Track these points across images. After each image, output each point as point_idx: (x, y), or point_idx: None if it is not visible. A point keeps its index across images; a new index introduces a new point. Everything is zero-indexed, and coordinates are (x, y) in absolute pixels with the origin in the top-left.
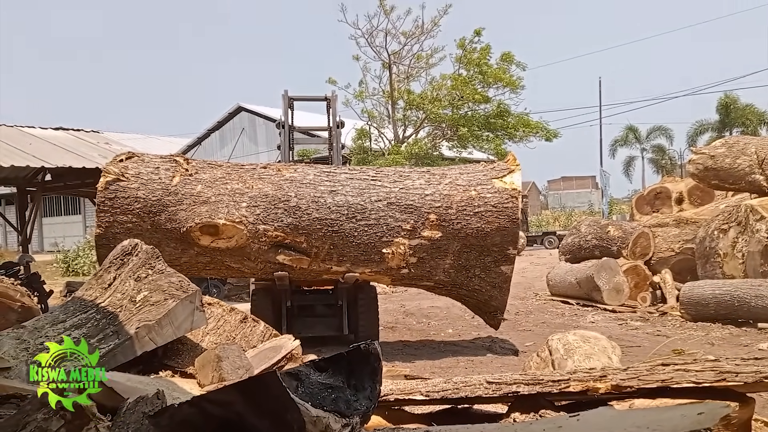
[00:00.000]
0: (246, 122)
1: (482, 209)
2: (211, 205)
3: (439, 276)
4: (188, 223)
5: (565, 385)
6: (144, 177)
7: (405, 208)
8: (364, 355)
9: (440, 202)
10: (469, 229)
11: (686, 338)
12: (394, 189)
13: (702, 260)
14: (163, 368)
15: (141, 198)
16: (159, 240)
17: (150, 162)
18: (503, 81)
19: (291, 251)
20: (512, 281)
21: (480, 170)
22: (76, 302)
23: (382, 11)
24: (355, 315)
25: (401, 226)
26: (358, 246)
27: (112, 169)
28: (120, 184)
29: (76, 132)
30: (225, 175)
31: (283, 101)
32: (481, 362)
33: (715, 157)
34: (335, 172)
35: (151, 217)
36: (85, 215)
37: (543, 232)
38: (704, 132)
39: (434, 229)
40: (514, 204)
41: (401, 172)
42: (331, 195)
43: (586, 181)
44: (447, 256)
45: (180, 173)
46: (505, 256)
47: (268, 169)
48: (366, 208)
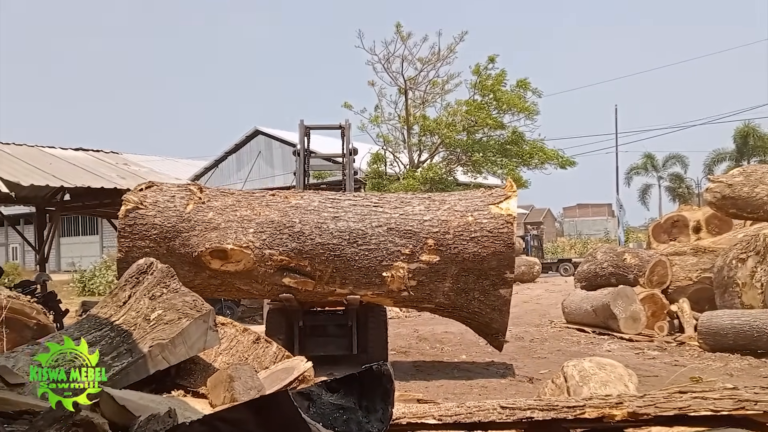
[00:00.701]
0: (263, 145)
1: (478, 234)
2: (220, 231)
3: (439, 299)
4: (199, 247)
5: (581, 412)
6: (161, 205)
7: (404, 233)
8: (377, 377)
9: (438, 227)
10: (466, 253)
11: (704, 368)
12: (394, 215)
13: (720, 290)
14: (176, 387)
15: (157, 224)
16: (174, 263)
17: (167, 190)
18: (518, 107)
19: (296, 274)
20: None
21: (478, 196)
22: (91, 320)
23: (399, 38)
24: (364, 335)
25: (400, 251)
26: (360, 269)
27: (132, 198)
28: (139, 211)
29: (95, 153)
30: (235, 203)
31: (300, 130)
32: (495, 388)
33: (733, 186)
34: (339, 199)
35: (167, 242)
36: (102, 236)
37: (558, 259)
38: (722, 161)
39: (432, 254)
40: (510, 229)
41: (403, 198)
42: (334, 221)
43: (602, 209)
44: (446, 280)
45: (194, 201)
46: (503, 280)
47: (276, 197)
48: (367, 234)
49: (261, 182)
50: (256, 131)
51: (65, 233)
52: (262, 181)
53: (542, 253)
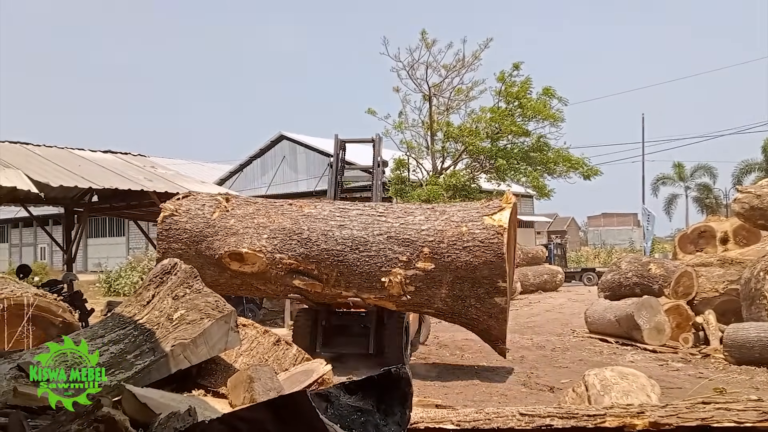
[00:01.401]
0: (287, 150)
1: (471, 244)
2: (239, 236)
3: (437, 304)
4: (220, 250)
5: (601, 421)
6: (192, 212)
7: (402, 242)
8: (395, 380)
9: (433, 236)
10: (459, 262)
11: (729, 381)
12: (395, 224)
13: (747, 302)
14: (197, 387)
15: (188, 230)
16: (201, 264)
17: (200, 200)
18: (543, 114)
19: (305, 277)
20: (550, 317)
21: (475, 207)
22: (115, 318)
23: (424, 44)
24: (381, 338)
25: (398, 258)
26: (361, 274)
27: (168, 206)
28: (174, 218)
29: (123, 155)
30: (255, 211)
31: (335, 143)
32: (515, 397)
33: (762, 197)
34: (348, 209)
35: (195, 246)
36: (128, 237)
37: (582, 269)
38: (750, 171)
39: (427, 261)
40: (500, 240)
41: (407, 208)
42: (339, 229)
43: (627, 219)
44: (442, 287)
45: (220, 209)
46: (496, 289)
47: (293, 206)
48: (368, 241)
49: (285, 187)
50: (281, 136)
51: (92, 234)
52: (285, 186)
53: (565, 262)
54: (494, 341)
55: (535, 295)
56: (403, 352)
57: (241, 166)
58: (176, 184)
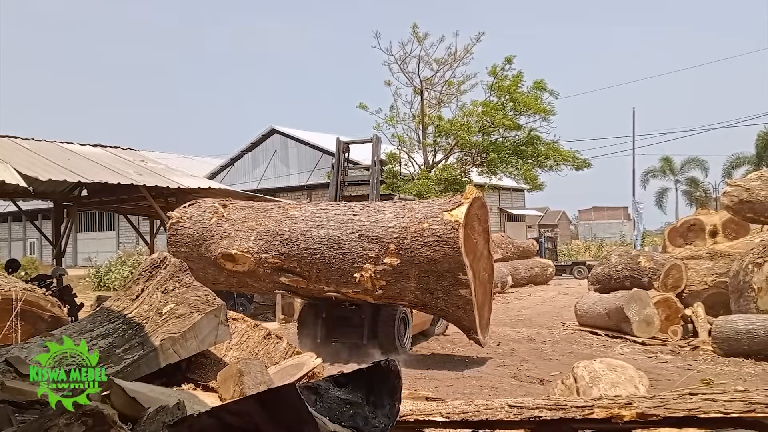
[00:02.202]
0: (278, 144)
1: (431, 239)
2: (231, 239)
3: (409, 297)
4: (215, 252)
5: (589, 412)
6: (194, 219)
7: (372, 239)
8: (384, 372)
9: (398, 233)
10: (421, 256)
11: (718, 373)
12: (366, 222)
13: (735, 294)
14: (186, 381)
15: (190, 234)
16: (204, 265)
17: (201, 207)
18: (534, 108)
19: (290, 274)
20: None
21: (438, 203)
22: (104, 312)
23: (416, 38)
24: (375, 329)
25: (368, 254)
26: (337, 270)
27: (175, 214)
28: (179, 224)
29: (113, 149)
30: (246, 215)
31: (337, 145)
32: (506, 390)
33: (751, 190)
34: (328, 209)
35: (197, 248)
36: (118, 231)
37: (572, 262)
38: (740, 165)
39: (393, 257)
40: (456, 234)
41: (380, 206)
42: (317, 228)
43: (617, 212)
44: (410, 280)
45: (217, 215)
46: (458, 281)
47: (281, 209)
48: (342, 239)
49: (276, 181)
50: (273, 130)
51: (82, 228)
52: (277, 180)
53: (556, 256)
54: (467, 331)
55: (526, 289)
56: (396, 342)
57: (232, 160)
58: (166, 178)
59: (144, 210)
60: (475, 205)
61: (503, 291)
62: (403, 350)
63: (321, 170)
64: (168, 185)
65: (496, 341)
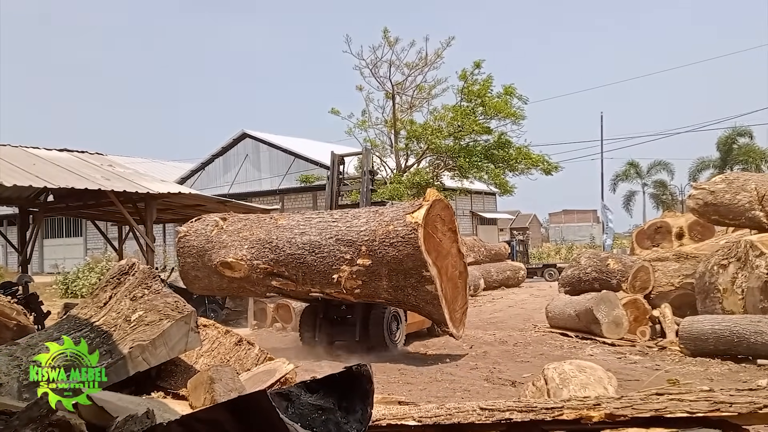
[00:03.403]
0: (250, 149)
1: (395, 240)
2: (227, 248)
3: (383, 295)
4: (215, 261)
5: (559, 413)
6: (198, 232)
7: (346, 242)
8: (356, 377)
9: (368, 236)
10: (388, 256)
11: (685, 373)
12: (343, 227)
13: (702, 295)
14: (156, 389)
15: (195, 246)
16: (208, 273)
17: (205, 221)
18: (504, 112)
19: (280, 278)
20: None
21: (403, 207)
22: (70, 320)
23: (387, 43)
24: (366, 328)
25: (344, 257)
26: (319, 273)
27: (183, 229)
28: (186, 238)
29: (80, 154)
30: (242, 227)
31: (332, 158)
32: (478, 392)
33: (715, 193)
34: (312, 217)
35: (201, 258)
36: (86, 238)
37: (543, 264)
38: (705, 168)
39: (365, 258)
40: (416, 234)
41: (356, 212)
42: (301, 235)
43: (587, 215)
44: (382, 279)
45: (217, 228)
46: (423, 278)
47: (272, 220)
48: (321, 244)
49: (248, 185)
50: (244, 134)
51: (49, 235)
52: (249, 185)
53: (527, 258)
54: (439, 325)
55: (498, 291)
56: (386, 340)
57: (203, 164)
58: (135, 183)
59: (112, 216)
60: (437, 206)
61: (476, 294)
62: (394, 347)
63: (293, 174)
64: (137, 190)
65: (469, 344)
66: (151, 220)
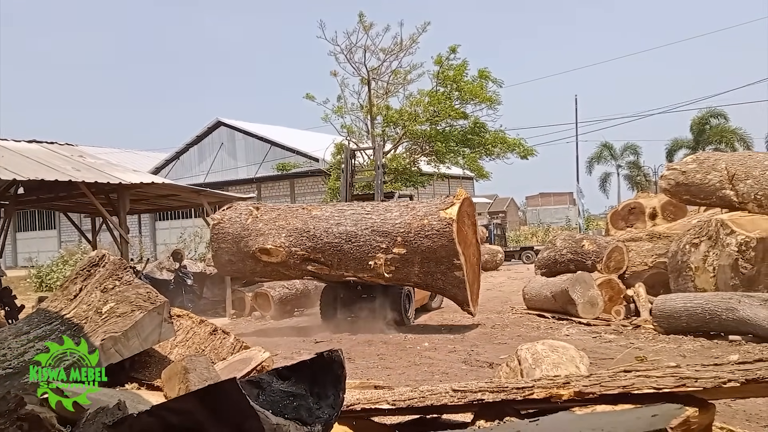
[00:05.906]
0: (225, 137)
1: (430, 233)
2: (265, 236)
3: (414, 279)
4: (253, 247)
5: (529, 393)
6: (233, 220)
7: (382, 233)
8: (327, 363)
9: (404, 228)
10: (423, 246)
11: (658, 350)
12: (377, 220)
13: (674, 274)
14: (130, 381)
15: (230, 233)
16: (243, 257)
17: (238, 209)
18: (480, 97)
19: (315, 263)
20: (490, 295)
21: (436, 203)
22: (40, 314)
23: (362, 27)
24: (384, 305)
25: (380, 246)
26: (354, 259)
27: (216, 216)
28: (220, 225)
29: (50, 145)
30: (276, 216)
31: (345, 152)
32: (456, 375)
33: (687, 173)
34: (344, 209)
35: (236, 244)
36: (59, 230)
37: (521, 247)
38: (678, 149)
39: (400, 247)
40: (450, 229)
41: (388, 206)
42: (337, 226)
43: (563, 197)
44: (414, 265)
45: (252, 216)
46: (453, 265)
47: (305, 210)
48: (358, 234)
49: (224, 174)
50: (219, 122)
51: (22, 228)
52: (224, 173)
53: (505, 242)
54: (461, 304)
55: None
56: (402, 315)
57: (177, 153)
58: (106, 174)
59: (85, 207)
60: (464, 203)
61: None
62: (408, 322)
63: (269, 162)
64: (108, 181)
65: (446, 328)
66: (125, 211)
